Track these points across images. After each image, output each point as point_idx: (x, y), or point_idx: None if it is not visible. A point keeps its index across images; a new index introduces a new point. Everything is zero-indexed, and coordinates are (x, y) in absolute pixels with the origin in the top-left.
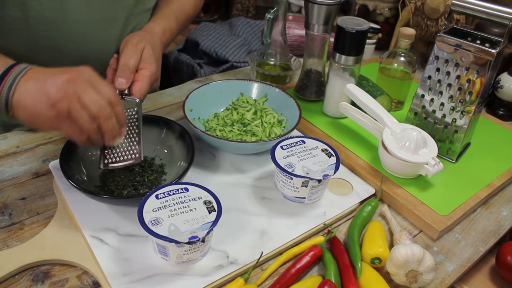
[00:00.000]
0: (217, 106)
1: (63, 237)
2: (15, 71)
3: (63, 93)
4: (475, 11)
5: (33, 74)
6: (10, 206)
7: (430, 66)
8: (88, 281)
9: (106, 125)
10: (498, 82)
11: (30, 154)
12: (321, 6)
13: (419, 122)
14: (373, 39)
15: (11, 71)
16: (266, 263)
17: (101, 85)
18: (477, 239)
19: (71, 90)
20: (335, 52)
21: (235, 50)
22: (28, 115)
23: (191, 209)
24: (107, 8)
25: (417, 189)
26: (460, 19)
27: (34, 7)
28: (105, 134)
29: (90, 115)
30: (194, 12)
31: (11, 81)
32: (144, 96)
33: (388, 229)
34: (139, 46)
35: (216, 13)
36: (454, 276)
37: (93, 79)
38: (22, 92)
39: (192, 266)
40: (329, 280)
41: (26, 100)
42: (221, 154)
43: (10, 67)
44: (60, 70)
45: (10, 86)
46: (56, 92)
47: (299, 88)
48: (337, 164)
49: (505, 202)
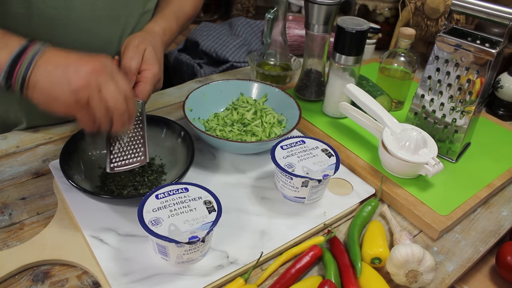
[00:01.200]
0: (217, 106)
1: (63, 237)
2: (32, 50)
3: (85, 82)
4: (475, 11)
5: (53, 58)
6: (10, 206)
7: (430, 66)
8: (88, 281)
9: (118, 119)
10: (498, 82)
11: (30, 154)
12: (321, 6)
13: (419, 122)
14: (373, 39)
15: (27, 50)
16: (266, 263)
17: (120, 78)
18: (477, 239)
19: (93, 80)
20: (335, 52)
21: (235, 50)
22: (44, 97)
23: (191, 209)
24: (112, 7)
25: (417, 189)
26: (460, 19)
27: (38, 4)
28: (115, 126)
29: (106, 108)
30: (194, 13)
31: (29, 60)
32: (147, 97)
33: (388, 229)
34: (140, 48)
35: (216, 13)
36: (454, 276)
37: (114, 72)
38: (42, 74)
39: (192, 266)
40: (329, 280)
41: (44, 83)
42: (221, 154)
43: (26, 46)
44: (82, 58)
45: (28, 65)
46: (78, 79)
47: (299, 88)
48: (337, 164)
49: (505, 202)
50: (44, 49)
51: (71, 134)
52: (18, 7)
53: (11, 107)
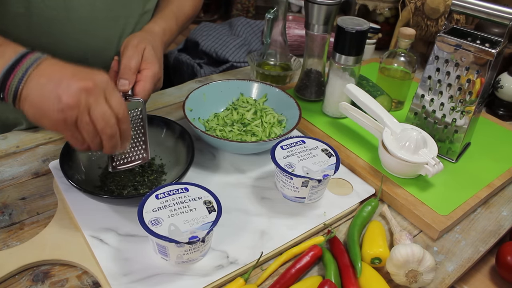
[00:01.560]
0: (217, 106)
1: (63, 237)
2: (28, 61)
3: (75, 101)
4: (475, 11)
5: (47, 71)
6: (10, 206)
7: (430, 66)
8: (88, 281)
9: (108, 142)
10: (498, 82)
11: (30, 154)
12: (321, 6)
13: (419, 122)
14: (373, 39)
15: (23, 60)
16: (266, 263)
17: (114, 97)
18: (477, 239)
19: (83, 99)
20: (335, 52)
21: (235, 50)
22: (34, 111)
23: (191, 209)
24: (111, 7)
25: (417, 189)
26: (460, 19)
27: (37, 4)
28: (105, 149)
29: (94, 130)
30: (193, 13)
31: (23, 72)
32: (147, 96)
33: (388, 229)
34: (140, 47)
35: (216, 13)
36: (454, 276)
37: (107, 90)
38: (33, 87)
39: (192, 266)
40: (329, 280)
41: (35, 97)
42: (221, 154)
43: (22, 56)
44: (77, 74)
45: (21, 77)
46: (67, 97)
47: (299, 88)
48: (337, 164)
49: (505, 202)
50: (40, 60)
51: None
52: (17, 7)
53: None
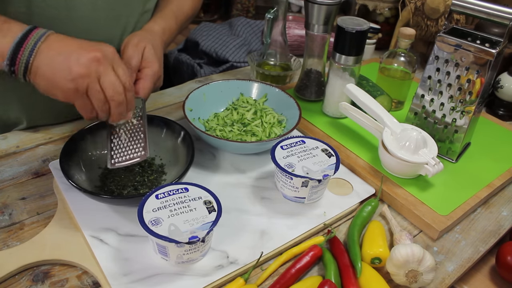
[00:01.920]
0: (217, 106)
1: (63, 237)
2: (35, 35)
3: (85, 71)
4: (475, 11)
5: (55, 45)
6: (10, 206)
7: (430, 66)
8: (88, 281)
9: (116, 109)
10: (498, 82)
11: (30, 154)
12: (321, 6)
13: (419, 122)
14: (373, 39)
15: (30, 35)
16: (266, 263)
17: (121, 68)
18: (477, 239)
19: (93, 69)
20: (335, 52)
21: (235, 50)
22: (45, 83)
23: (191, 209)
24: (112, 7)
25: (417, 189)
26: (460, 19)
27: (39, 4)
28: (113, 116)
29: (104, 97)
30: (193, 12)
31: (32, 46)
32: (147, 94)
33: (388, 229)
34: (140, 46)
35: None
36: (454, 276)
37: (115, 61)
38: (43, 60)
39: (192, 266)
40: (329, 280)
41: (46, 69)
42: (221, 154)
43: (29, 31)
44: (85, 46)
45: (31, 50)
46: (78, 68)
47: (299, 88)
48: (337, 164)
49: (505, 202)
50: (47, 35)
51: (71, 134)
52: (19, 6)
53: (11, 106)
